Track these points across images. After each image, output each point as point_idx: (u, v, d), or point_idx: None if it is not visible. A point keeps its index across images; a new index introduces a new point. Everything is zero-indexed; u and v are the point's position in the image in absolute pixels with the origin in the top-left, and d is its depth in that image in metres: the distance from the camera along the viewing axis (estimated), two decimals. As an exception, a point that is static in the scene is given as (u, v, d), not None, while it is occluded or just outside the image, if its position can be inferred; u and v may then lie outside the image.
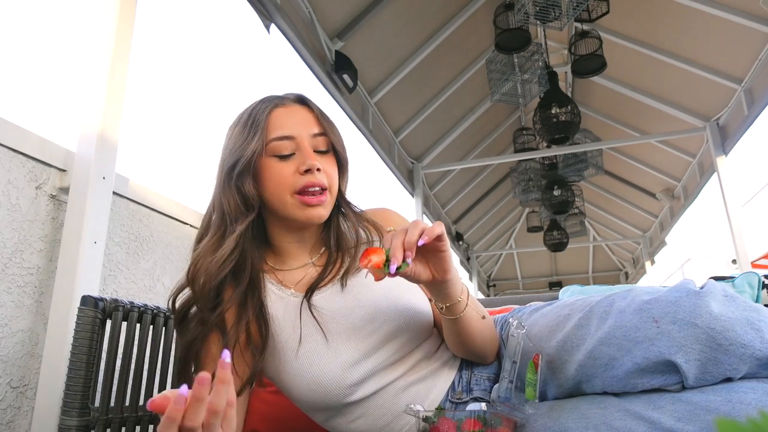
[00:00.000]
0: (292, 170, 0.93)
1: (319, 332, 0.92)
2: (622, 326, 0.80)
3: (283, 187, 0.93)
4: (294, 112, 0.98)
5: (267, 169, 0.94)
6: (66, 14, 2.55)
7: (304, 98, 1.02)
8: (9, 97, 1.72)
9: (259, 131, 0.94)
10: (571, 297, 0.99)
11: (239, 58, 14.00)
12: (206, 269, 0.91)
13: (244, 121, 0.97)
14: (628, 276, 8.27)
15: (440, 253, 0.82)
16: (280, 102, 0.99)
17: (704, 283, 0.83)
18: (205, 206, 1.03)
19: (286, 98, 1.01)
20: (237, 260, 0.93)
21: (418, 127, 4.44)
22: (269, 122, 0.96)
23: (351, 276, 0.98)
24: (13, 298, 1.20)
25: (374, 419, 0.93)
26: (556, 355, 0.87)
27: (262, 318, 0.93)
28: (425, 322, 0.98)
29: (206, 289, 0.91)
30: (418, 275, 0.83)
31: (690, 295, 0.78)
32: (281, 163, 0.94)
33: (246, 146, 0.93)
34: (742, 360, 0.73)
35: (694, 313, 0.75)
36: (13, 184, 1.22)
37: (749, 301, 0.79)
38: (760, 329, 0.74)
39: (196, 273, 0.92)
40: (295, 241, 1.01)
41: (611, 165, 5.49)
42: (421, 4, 3.55)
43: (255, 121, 0.96)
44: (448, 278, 0.84)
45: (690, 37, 3.59)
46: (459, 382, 0.97)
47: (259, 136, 0.93)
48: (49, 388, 1.18)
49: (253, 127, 0.95)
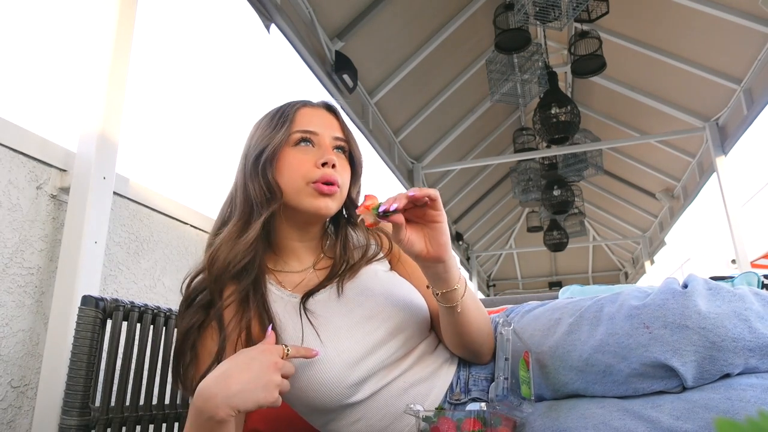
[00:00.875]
0: (310, 162, 0.96)
1: (321, 328, 0.92)
2: (614, 333, 0.80)
3: (299, 174, 0.95)
4: (321, 113, 1.03)
5: (287, 157, 0.97)
6: (66, 14, 2.56)
7: (331, 106, 1.07)
8: (9, 97, 1.72)
9: (287, 123, 0.98)
10: (563, 299, 0.99)
11: (239, 58, 14.11)
12: (228, 253, 0.93)
13: (272, 115, 1.02)
14: (627, 276, 8.28)
15: (435, 224, 0.83)
16: (309, 103, 1.05)
17: (686, 278, 0.83)
18: (205, 206, 1.03)
19: (315, 102, 1.06)
20: (254, 253, 0.95)
21: (418, 127, 4.44)
22: (296, 117, 1.00)
23: (350, 280, 0.99)
24: (13, 297, 1.20)
25: (374, 421, 0.93)
26: (549, 360, 0.87)
27: (265, 316, 0.93)
28: (424, 319, 0.99)
29: (225, 273, 0.92)
30: (411, 243, 0.83)
31: (676, 297, 0.78)
32: (300, 154, 0.97)
33: (273, 136, 0.97)
34: (736, 354, 0.74)
35: (683, 315, 0.76)
36: (13, 184, 1.22)
37: (733, 289, 0.80)
38: (748, 319, 0.75)
39: (217, 255, 0.93)
40: (298, 241, 1.02)
41: (611, 165, 5.49)
42: (421, 4, 3.56)
43: (283, 115, 1.00)
44: (444, 258, 0.84)
45: (690, 37, 3.59)
46: (457, 384, 0.97)
47: (286, 128, 0.98)
48: (50, 388, 1.18)
49: (281, 120, 0.99)
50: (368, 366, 0.91)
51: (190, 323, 0.92)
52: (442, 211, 0.83)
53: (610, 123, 5.02)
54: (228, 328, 0.91)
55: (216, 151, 5.30)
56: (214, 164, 6.15)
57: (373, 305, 0.95)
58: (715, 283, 0.81)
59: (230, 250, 0.93)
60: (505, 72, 3.83)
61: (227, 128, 4.29)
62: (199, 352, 0.92)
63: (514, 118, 5.52)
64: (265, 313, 0.93)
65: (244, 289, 0.93)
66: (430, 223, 0.83)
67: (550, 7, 3.05)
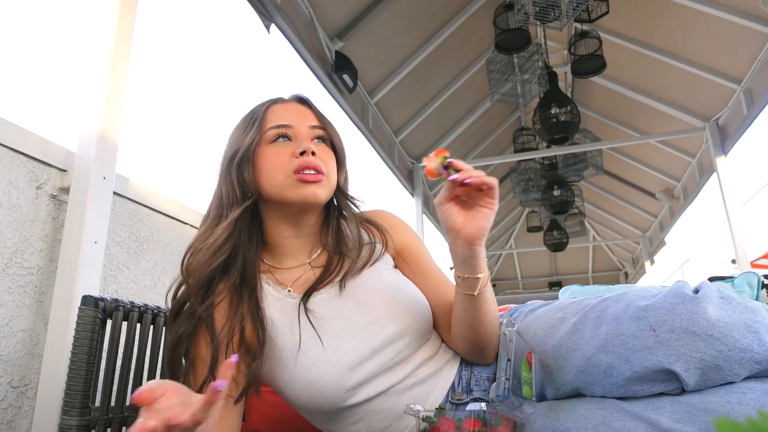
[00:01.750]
0: (288, 154, 0.95)
1: (320, 330, 0.91)
2: (619, 334, 0.79)
3: (278, 168, 0.94)
4: (292, 107, 1.02)
5: (264, 154, 0.96)
6: (66, 14, 2.55)
7: (302, 97, 1.04)
8: (9, 97, 1.73)
9: (257, 123, 0.97)
10: (567, 299, 0.98)
11: (239, 58, 14.08)
12: (201, 257, 0.91)
13: (244, 118, 1.01)
14: (627, 276, 8.27)
15: (483, 209, 0.83)
16: (279, 99, 1.03)
17: (699, 284, 0.82)
18: (206, 206, 1.03)
19: (286, 98, 1.04)
20: (230, 251, 0.93)
21: (418, 127, 4.44)
22: (267, 115, 0.99)
23: (351, 278, 0.97)
24: (13, 297, 1.20)
25: (374, 422, 0.92)
26: (552, 359, 0.87)
27: (258, 321, 0.91)
28: (427, 322, 0.98)
29: (199, 279, 0.91)
30: (450, 212, 0.83)
31: (686, 302, 0.77)
32: (277, 149, 0.96)
33: (244, 137, 0.96)
34: (742, 365, 0.73)
35: (691, 321, 0.75)
36: (13, 184, 1.22)
37: (745, 302, 0.79)
38: (758, 331, 0.74)
39: (190, 263, 0.92)
40: (292, 236, 1.00)
41: (611, 165, 5.49)
42: (421, 5, 3.56)
43: (254, 115, 0.99)
44: (475, 242, 0.84)
45: (690, 37, 3.59)
46: (459, 383, 0.97)
47: (257, 127, 0.96)
48: (50, 388, 1.18)
49: (251, 121, 0.98)
50: (368, 369, 0.90)
51: (180, 332, 0.90)
52: (495, 200, 0.83)
53: (610, 123, 5.02)
54: (220, 335, 0.89)
55: (216, 151, 5.28)
56: (214, 164, 6.13)
57: (375, 308, 0.94)
58: (729, 293, 0.80)
59: (202, 253, 0.92)
60: (505, 72, 3.83)
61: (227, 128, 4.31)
62: (193, 360, 0.91)
63: (514, 118, 5.52)
64: (258, 320, 0.92)
65: (233, 289, 0.92)
66: (479, 206, 0.83)
67: (550, 7, 3.05)
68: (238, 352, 0.91)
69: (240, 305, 0.92)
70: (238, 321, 0.91)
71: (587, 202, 6.32)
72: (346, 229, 1.03)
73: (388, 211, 1.11)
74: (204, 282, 0.91)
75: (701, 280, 0.86)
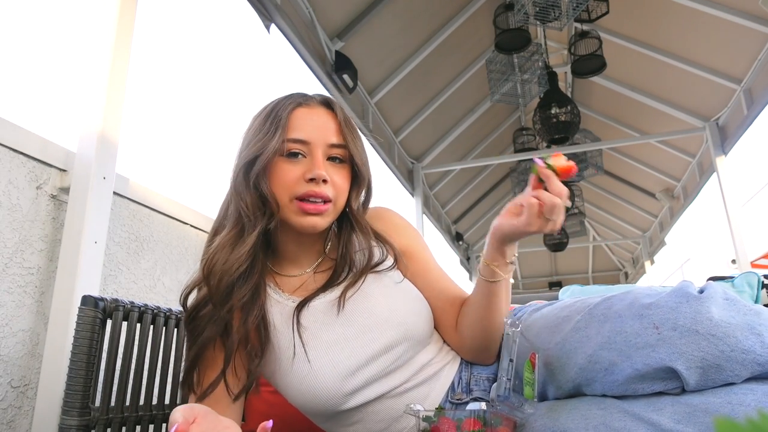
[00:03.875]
0: (298, 174, 0.91)
1: (316, 339, 0.91)
2: (622, 331, 0.80)
3: (285, 189, 0.91)
4: (317, 115, 0.95)
5: (276, 167, 0.92)
6: (66, 14, 2.57)
7: (330, 101, 0.98)
8: (10, 97, 1.72)
9: (279, 129, 0.91)
10: (571, 298, 0.99)
11: (239, 58, 14.09)
12: (223, 265, 0.89)
13: (266, 113, 0.95)
14: (627, 276, 8.27)
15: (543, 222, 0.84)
16: (305, 101, 0.96)
17: (704, 285, 0.82)
18: (205, 206, 1.02)
19: (312, 99, 0.97)
20: (252, 259, 0.92)
21: (418, 127, 4.44)
22: (290, 121, 0.93)
23: (353, 287, 0.96)
24: (13, 297, 1.20)
25: (372, 424, 0.93)
26: (555, 357, 0.87)
27: (261, 323, 0.92)
28: (427, 328, 0.97)
29: (222, 285, 0.89)
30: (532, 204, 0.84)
31: (690, 301, 0.77)
32: (289, 165, 0.91)
33: (266, 143, 0.90)
34: (743, 366, 0.73)
35: (695, 320, 0.75)
36: (13, 184, 1.22)
37: (750, 304, 0.79)
38: (761, 334, 0.74)
39: (212, 267, 0.90)
40: (295, 247, 0.99)
41: (611, 165, 5.49)
42: (421, 5, 3.56)
43: (276, 116, 0.93)
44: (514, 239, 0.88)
45: (690, 37, 3.59)
46: (458, 383, 0.97)
47: (279, 135, 0.91)
48: (50, 388, 1.18)
49: (273, 123, 0.92)
50: (366, 375, 0.90)
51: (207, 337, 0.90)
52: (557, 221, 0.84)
53: (610, 123, 5.02)
54: (233, 337, 0.90)
55: (216, 151, 5.29)
56: (214, 164, 6.14)
57: (375, 314, 0.94)
58: (734, 294, 0.80)
59: (225, 261, 0.90)
60: (505, 72, 3.83)
61: (227, 128, 4.27)
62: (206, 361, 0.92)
63: (514, 118, 5.52)
64: (262, 323, 0.92)
65: (243, 297, 0.91)
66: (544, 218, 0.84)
67: (550, 7, 3.05)
68: (243, 352, 0.91)
69: (251, 308, 0.91)
70: (247, 324, 0.91)
71: (587, 202, 6.32)
72: (356, 243, 1.00)
73: (390, 209, 1.10)
74: (228, 288, 0.90)
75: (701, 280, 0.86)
